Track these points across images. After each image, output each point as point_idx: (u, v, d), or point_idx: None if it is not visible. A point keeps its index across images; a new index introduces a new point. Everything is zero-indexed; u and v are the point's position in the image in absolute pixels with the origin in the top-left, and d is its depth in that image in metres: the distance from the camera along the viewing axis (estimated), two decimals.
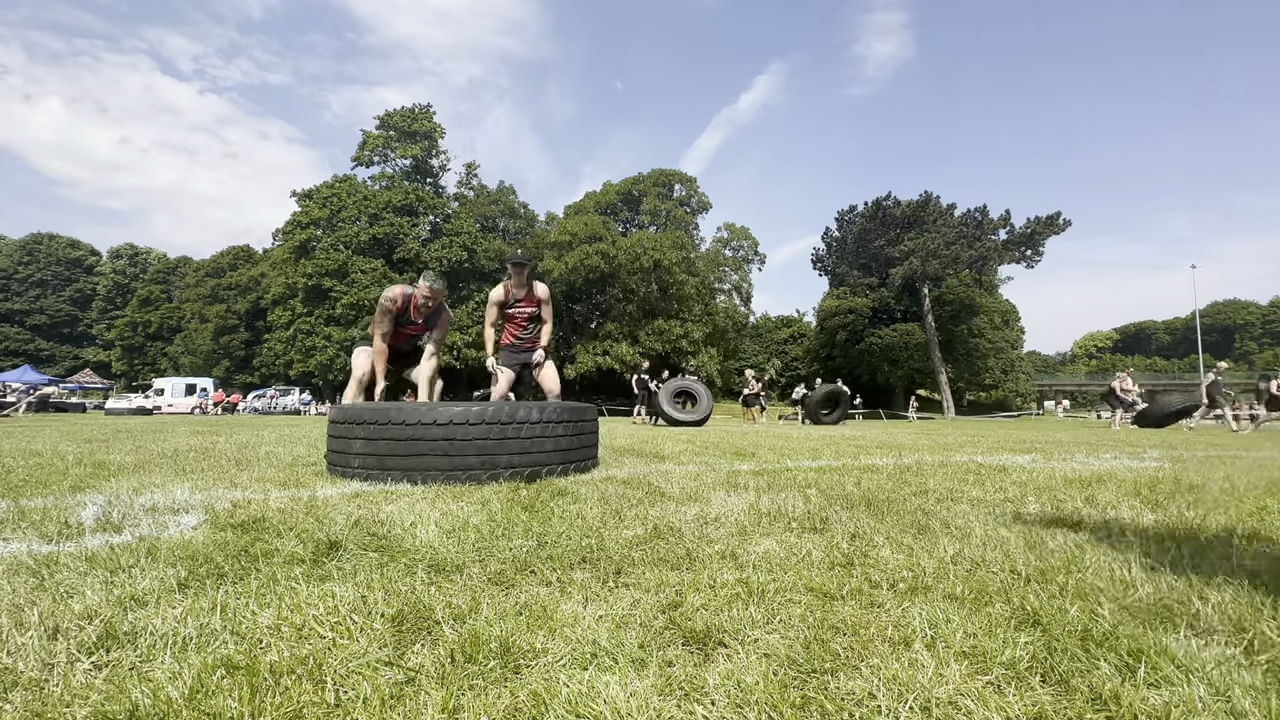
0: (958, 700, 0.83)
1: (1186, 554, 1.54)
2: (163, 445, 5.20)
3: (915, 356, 39.65)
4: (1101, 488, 2.80)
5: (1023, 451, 5.31)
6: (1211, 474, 3.39)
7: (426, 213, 37.86)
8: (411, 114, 39.11)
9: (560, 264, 36.86)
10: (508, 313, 4.64)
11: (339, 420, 2.98)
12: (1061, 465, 3.98)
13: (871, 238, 40.23)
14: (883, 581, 1.32)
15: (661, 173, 43.01)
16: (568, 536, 1.71)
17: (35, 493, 2.49)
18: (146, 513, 2.05)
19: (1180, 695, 0.83)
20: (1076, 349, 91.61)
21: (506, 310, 4.63)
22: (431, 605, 1.14)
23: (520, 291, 4.56)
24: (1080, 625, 1.07)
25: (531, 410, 2.94)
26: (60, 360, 56.95)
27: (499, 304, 4.59)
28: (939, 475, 3.28)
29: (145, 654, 0.95)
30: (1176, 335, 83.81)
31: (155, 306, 52.11)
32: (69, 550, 1.53)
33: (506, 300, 4.58)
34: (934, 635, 1.02)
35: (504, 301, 4.58)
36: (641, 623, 1.08)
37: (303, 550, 1.52)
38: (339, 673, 0.89)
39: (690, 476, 3.12)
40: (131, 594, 1.20)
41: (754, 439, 7.06)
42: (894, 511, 2.13)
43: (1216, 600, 1.19)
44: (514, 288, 4.56)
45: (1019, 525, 1.93)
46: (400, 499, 2.30)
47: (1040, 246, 35.30)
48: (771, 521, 1.95)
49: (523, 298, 4.59)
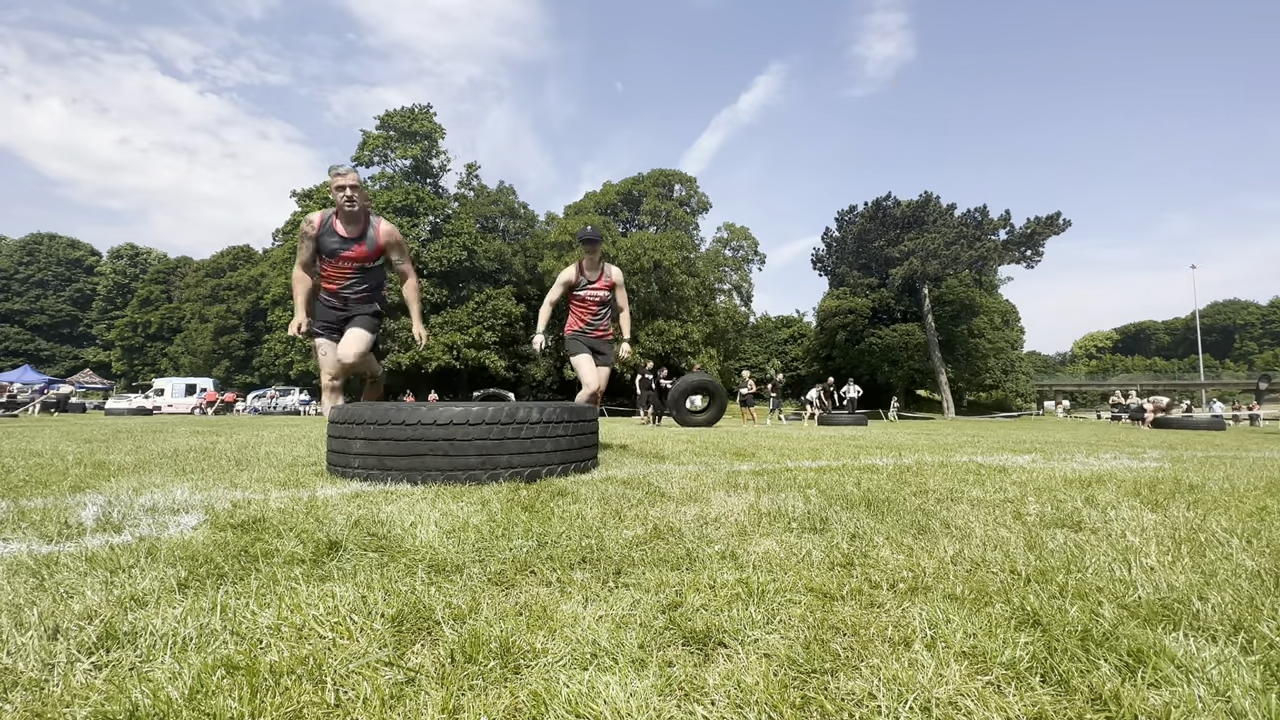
0: (958, 700, 0.83)
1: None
2: (163, 445, 5.20)
3: (915, 357, 39.66)
4: (1101, 488, 2.80)
5: (1023, 452, 5.31)
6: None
7: (426, 213, 37.85)
8: (411, 114, 39.11)
9: (560, 264, 36.84)
10: (577, 295, 4.17)
11: (339, 420, 2.98)
12: (1061, 465, 3.98)
13: (871, 238, 40.21)
14: (883, 582, 1.32)
15: (661, 173, 43.01)
16: (568, 536, 1.71)
17: (35, 493, 2.49)
18: (146, 513, 2.05)
19: (1180, 695, 0.83)
20: (1076, 349, 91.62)
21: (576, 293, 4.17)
22: (431, 605, 1.14)
23: (593, 273, 4.14)
24: (1080, 625, 1.06)
25: (531, 410, 2.94)
26: (60, 360, 56.94)
27: (568, 285, 4.14)
28: (939, 475, 3.28)
29: (145, 654, 0.95)
30: (1176, 335, 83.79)
31: (155, 307, 52.13)
32: (69, 550, 1.53)
33: (577, 282, 4.13)
34: (934, 635, 1.02)
35: (574, 283, 4.13)
36: (641, 623, 1.08)
37: (303, 550, 1.52)
38: (339, 673, 0.89)
39: (690, 476, 3.12)
40: (131, 594, 1.19)
41: (754, 439, 7.06)
42: (894, 511, 2.13)
43: (1216, 600, 1.19)
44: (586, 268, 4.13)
45: (1019, 525, 1.93)
46: (400, 499, 2.30)
47: (1040, 246, 35.31)
48: (771, 522, 1.95)
49: (595, 280, 4.15)
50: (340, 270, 3.32)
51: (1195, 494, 2.63)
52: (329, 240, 3.27)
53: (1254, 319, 77.70)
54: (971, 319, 41.23)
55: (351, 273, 3.33)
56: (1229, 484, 2.97)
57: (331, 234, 3.25)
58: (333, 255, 3.29)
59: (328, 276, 3.35)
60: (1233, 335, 78.09)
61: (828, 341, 43.89)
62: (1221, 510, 2.22)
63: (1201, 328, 57.29)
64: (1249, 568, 1.43)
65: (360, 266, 3.33)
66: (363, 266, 3.34)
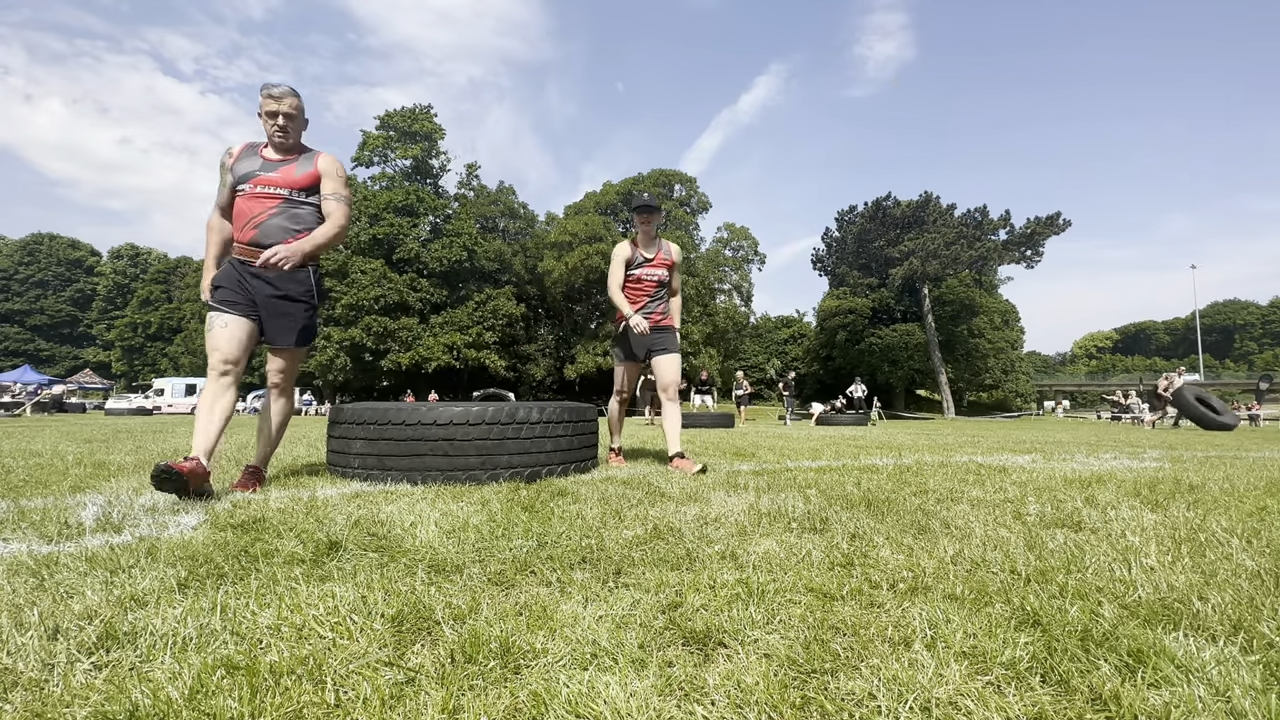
0: (958, 700, 0.83)
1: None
2: (163, 445, 5.20)
3: (915, 357, 39.67)
4: (1101, 488, 2.80)
5: (1023, 452, 5.31)
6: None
7: (426, 213, 37.85)
8: (412, 114, 39.10)
9: (560, 264, 36.86)
10: (632, 275, 3.61)
11: (339, 420, 2.99)
12: (1061, 465, 3.98)
13: (871, 238, 40.23)
14: (883, 582, 1.32)
15: (661, 173, 43.01)
16: (568, 537, 1.71)
17: (35, 493, 2.49)
18: (146, 513, 2.05)
19: (1180, 695, 0.83)
20: (1076, 349, 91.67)
21: (630, 273, 3.60)
22: (431, 605, 1.14)
23: (649, 250, 3.59)
24: (1080, 625, 1.06)
25: (531, 410, 2.94)
26: (60, 360, 56.98)
27: (626, 262, 3.57)
28: (939, 475, 3.28)
29: (145, 654, 0.95)
30: (1176, 335, 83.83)
31: (155, 307, 52.13)
32: (69, 550, 1.53)
33: (632, 258, 3.57)
34: (934, 635, 1.02)
35: (630, 259, 3.57)
36: (641, 623, 1.08)
37: (303, 550, 1.52)
38: (339, 673, 0.89)
39: (690, 477, 3.12)
40: (131, 594, 1.19)
41: (754, 439, 7.06)
42: (894, 512, 2.13)
43: (1216, 600, 1.19)
44: (642, 243, 3.56)
45: (1019, 525, 1.93)
46: (400, 499, 2.30)
47: (1040, 247, 35.35)
48: (771, 522, 1.95)
49: (652, 257, 3.59)
50: (257, 202, 2.44)
51: (1195, 494, 2.63)
52: (245, 164, 2.48)
53: (1254, 319, 77.74)
54: (971, 319, 41.25)
55: (273, 206, 2.45)
56: (1229, 484, 2.97)
57: (251, 156, 2.50)
58: (244, 180, 2.45)
59: (239, 215, 2.47)
60: (1233, 335, 78.11)
61: (828, 341, 43.91)
62: (1221, 510, 2.22)
63: (1201, 328, 57.31)
64: (1249, 568, 1.43)
65: (287, 198, 2.47)
66: (290, 197, 2.48)
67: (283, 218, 2.47)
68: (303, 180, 2.52)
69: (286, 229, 2.47)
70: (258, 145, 2.56)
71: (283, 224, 2.47)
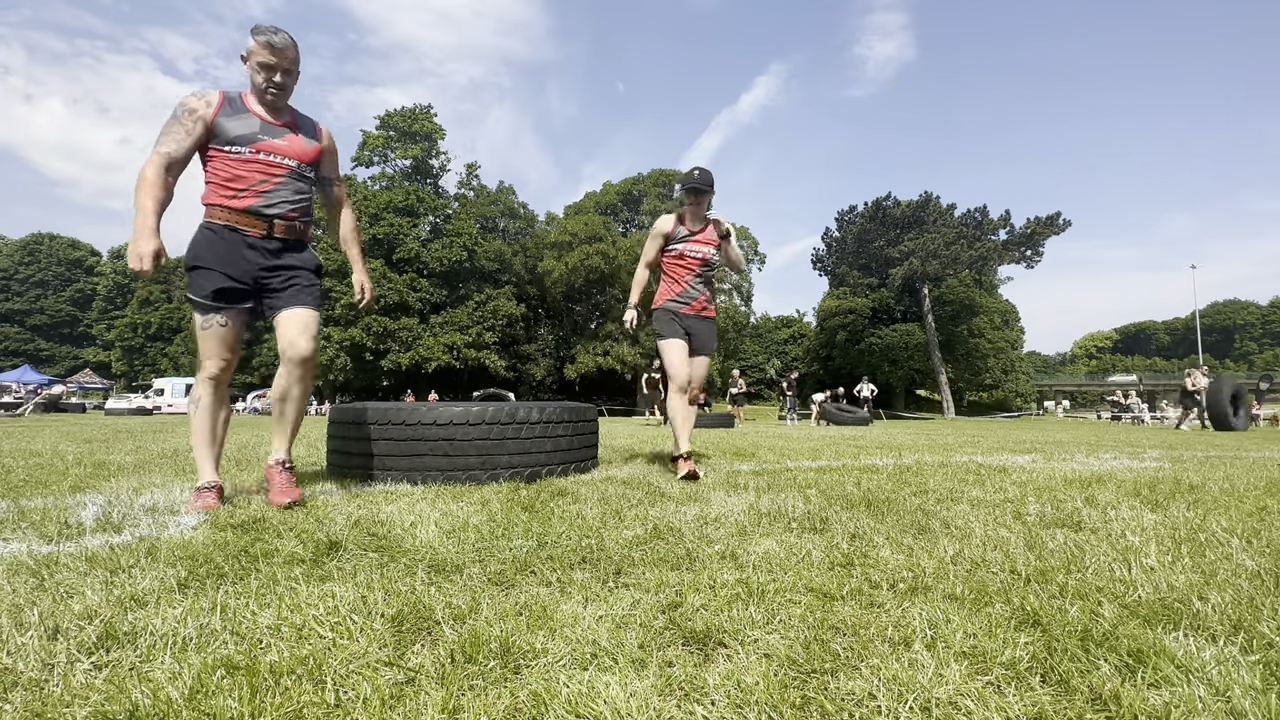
0: (958, 700, 0.83)
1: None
2: (163, 445, 5.20)
3: (915, 357, 39.67)
4: (1101, 488, 2.80)
5: (1023, 452, 5.31)
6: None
7: (426, 213, 37.87)
8: (412, 114, 39.11)
9: (560, 264, 36.87)
10: (672, 252, 3.26)
11: (339, 420, 2.99)
12: (1061, 465, 3.98)
13: (871, 238, 40.21)
14: (883, 582, 1.32)
15: (662, 173, 43.04)
16: (568, 537, 1.71)
17: (35, 493, 2.49)
18: (146, 513, 2.05)
19: (1180, 695, 0.83)
20: (1076, 349, 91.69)
21: (671, 248, 3.26)
22: (431, 605, 1.14)
23: (697, 224, 3.24)
24: (1080, 625, 1.06)
25: (531, 410, 2.94)
26: (60, 360, 56.98)
27: (665, 237, 3.25)
28: (939, 475, 3.28)
29: (145, 654, 0.95)
30: (1176, 335, 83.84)
31: (155, 307, 52.07)
32: (69, 550, 1.53)
33: (674, 233, 3.24)
34: (934, 635, 1.02)
35: (671, 234, 3.24)
36: (641, 623, 1.08)
37: (303, 550, 1.52)
38: (339, 673, 0.89)
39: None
40: (131, 594, 1.20)
41: (754, 439, 7.06)
42: (894, 512, 2.13)
43: (1216, 600, 1.19)
44: (689, 219, 3.24)
45: (1019, 525, 1.93)
46: (400, 499, 2.30)
47: (1040, 246, 35.32)
48: (771, 522, 1.95)
49: (699, 231, 3.24)
50: (259, 169, 2.19)
51: (1195, 494, 2.63)
52: (238, 123, 2.15)
53: (1254, 319, 77.75)
54: (971, 319, 41.25)
55: (280, 176, 2.23)
56: (1229, 484, 2.97)
57: (243, 113, 2.18)
58: (242, 143, 2.14)
59: (232, 179, 2.16)
60: (1233, 335, 78.12)
61: (828, 341, 43.90)
62: (1221, 510, 2.22)
63: (1201, 328, 57.33)
64: (1249, 568, 1.43)
65: (294, 169, 2.26)
66: (296, 169, 2.27)
67: (288, 190, 2.27)
68: (311, 154, 2.34)
69: (291, 203, 2.28)
70: (238, 99, 2.22)
71: (288, 197, 2.27)
